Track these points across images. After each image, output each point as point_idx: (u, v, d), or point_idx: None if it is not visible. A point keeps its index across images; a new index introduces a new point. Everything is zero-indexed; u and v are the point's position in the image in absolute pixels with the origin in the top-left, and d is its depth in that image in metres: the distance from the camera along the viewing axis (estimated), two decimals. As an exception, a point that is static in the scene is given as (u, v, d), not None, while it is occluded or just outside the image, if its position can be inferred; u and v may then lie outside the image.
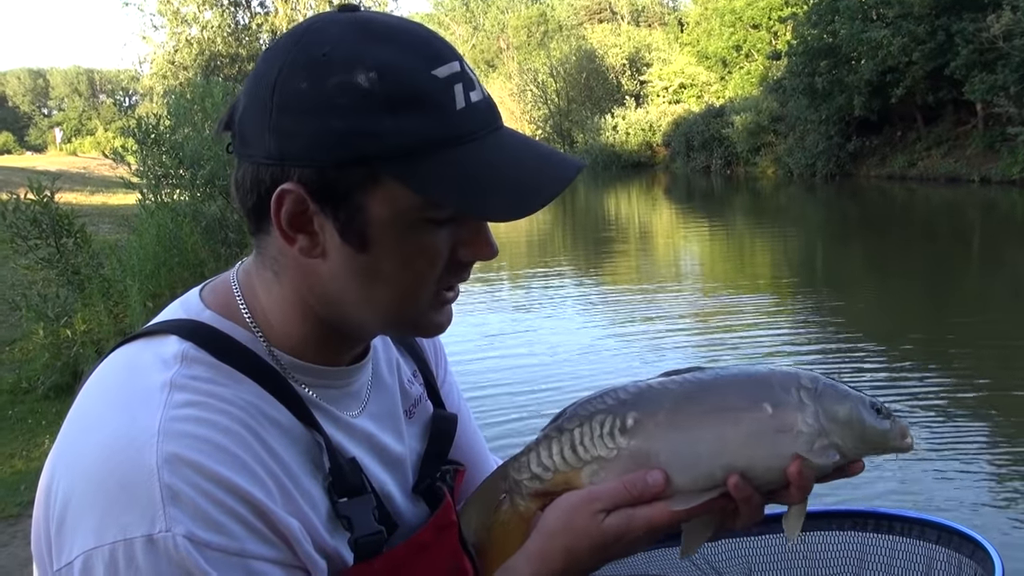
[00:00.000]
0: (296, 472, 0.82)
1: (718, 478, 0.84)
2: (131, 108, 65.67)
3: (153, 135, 8.17)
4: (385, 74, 0.76)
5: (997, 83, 21.84)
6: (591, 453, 0.88)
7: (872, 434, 0.86)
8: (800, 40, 29.28)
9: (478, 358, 7.33)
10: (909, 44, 24.57)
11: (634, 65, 48.94)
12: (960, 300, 9.70)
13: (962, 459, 4.60)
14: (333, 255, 0.81)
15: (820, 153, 28.89)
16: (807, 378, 0.87)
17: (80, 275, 6.87)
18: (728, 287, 10.90)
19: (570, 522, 0.86)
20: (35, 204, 6.80)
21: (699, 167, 36.48)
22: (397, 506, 0.94)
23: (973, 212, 19.42)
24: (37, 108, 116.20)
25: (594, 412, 0.89)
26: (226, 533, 0.73)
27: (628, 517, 0.85)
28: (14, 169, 23.74)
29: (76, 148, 64.49)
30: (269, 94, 0.78)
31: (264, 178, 0.79)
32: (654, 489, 0.85)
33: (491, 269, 13.45)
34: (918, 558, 1.32)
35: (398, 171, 0.76)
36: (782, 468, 0.84)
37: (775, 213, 22.41)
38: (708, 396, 0.87)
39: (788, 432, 0.85)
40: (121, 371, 0.82)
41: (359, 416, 0.93)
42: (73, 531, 0.72)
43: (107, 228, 12.42)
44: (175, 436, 0.74)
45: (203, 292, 0.90)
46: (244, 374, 0.82)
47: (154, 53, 35.07)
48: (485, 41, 72.87)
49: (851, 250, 14.94)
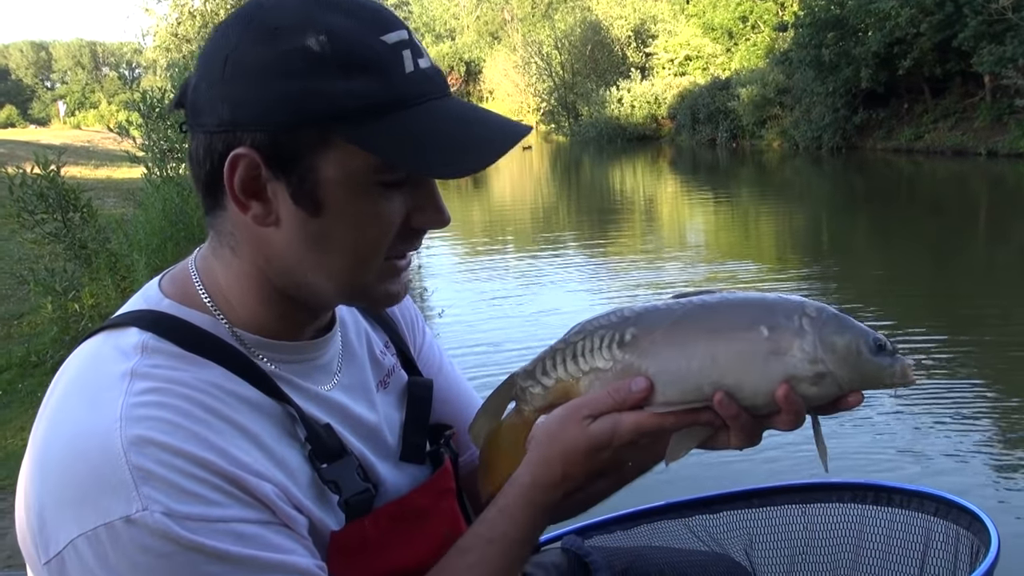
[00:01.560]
0: (268, 443, 0.83)
1: (706, 393, 0.85)
2: (135, 81, 65.37)
3: (158, 109, 8.13)
4: (335, 38, 0.77)
5: (1006, 55, 21.58)
6: (589, 364, 0.91)
7: (869, 367, 0.85)
8: (807, 11, 28.94)
9: (484, 322, 7.36)
10: (917, 15, 24.27)
11: (639, 37, 48.44)
12: (965, 272, 9.67)
13: (963, 431, 4.62)
14: (286, 222, 0.81)
15: (826, 126, 28.65)
16: (812, 307, 0.87)
17: (87, 249, 6.87)
18: (732, 257, 10.87)
19: (562, 429, 0.89)
20: (42, 179, 6.79)
21: (704, 140, 36.21)
22: (377, 474, 0.95)
23: (980, 185, 19.28)
24: (40, 81, 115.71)
25: (598, 327, 0.92)
26: (204, 503, 0.74)
27: (614, 421, 0.86)
28: (18, 143, 23.71)
29: (80, 121, 64.27)
30: (221, 64, 0.79)
31: (217, 146, 0.80)
32: (637, 395, 0.86)
33: (498, 240, 13.44)
34: (916, 529, 1.34)
35: (348, 132, 0.78)
36: (771, 391, 0.84)
37: (780, 186, 22.27)
38: (708, 316, 0.88)
39: (781, 356, 0.84)
40: (83, 365, 0.83)
41: (332, 389, 0.94)
42: (56, 525, 0.73)
43: (112, 202, 12.42)
44: (137, 420, 0.75)
45: (162, 282, 0.91)
46: (206, 358, 0.83)
47: (157, 25, 34.82)
48: (489, 12, 72.16)
49: (856, 222, 14.86)
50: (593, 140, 44.24)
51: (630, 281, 9.56)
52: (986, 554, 1.17)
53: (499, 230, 15.05)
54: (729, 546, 1.46)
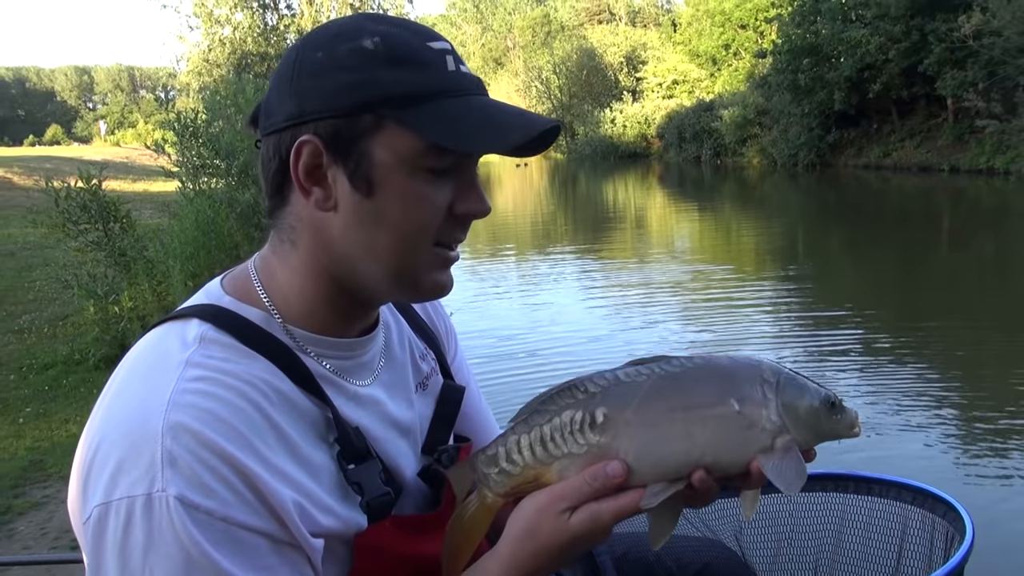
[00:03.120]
0: (301, 444, 0.82)
1: (684, 473, 0.80)
2: (169, 103, 65.48)
3: (191, 128, 8.14)
4: (387, 39, 0.82)
5: (967, 79, 21.61)
6: (561, 449, 0.82)
7: (826, 426, 0.83)
8: (785, 39, 28.98)
9: (485, 329, 7.34)
10: (886, 43, 24.32)
11: (631, 63, 48.53)
12: (930, 278, 9.65)
13: (934, 427, 4.59)
14: (343, 206, 0.83)
15: (802, 144, 28.67)
16: (769, 371, 0.83)
17: (126, 257, 6.87)
18: (715, 264, 10.85)
19: (538, 525, 0.81)
20: (85, 192, 6.80)
21: (690, 157, 36.26)
22: (406, 470, 0.94)
23: (943, 199, 19.27)
24: (83, 102, 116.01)
25: (563, 407, 0.83)
26: (215, 498, 0.73)
27: (594, 512, 0.80)
28: (63, 159, 23.76)
29: (119, 139, 64.39)
30: (291, 69, 0.83)
31: (285, 140, 0.83)
32: (615, 481, 0.80)
33: (500, 250, 13.44)
34: (895, 518, 1.32)
35: (399, 116, 0.80)
36: (746, 463, 0.81)
37: (760, 199, 22.27)
38: (675, 392, 0.82)
39: (753, 429, 0.80)
40: (148, 350, 0.84)
41: (369, 385, 0.93)
42: (93, 488, 0.74)
43: (148, 213, 12.42)
44: (181, 407, 0.75)
45: (224, 280, 0.91)
46: (257, 352, 0.83)
47: (190, 52, 34.99)
48: (493, 40, 72.28)
49: (829, 232, 14.85)
50: (588, 157, 44.28)
51: (622, 284, 9.55)
52: (961, 542, 1.15)
53: (501, 239, 15.04)
54: (720, 532, 1.44)
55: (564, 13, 65.91)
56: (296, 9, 35.37)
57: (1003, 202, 17.82)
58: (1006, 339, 6.51)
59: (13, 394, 5.77)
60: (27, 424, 5.04)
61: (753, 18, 38.77)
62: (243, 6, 34.14)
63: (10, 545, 3.44)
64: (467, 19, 75.52)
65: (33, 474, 4.22)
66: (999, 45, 20.23)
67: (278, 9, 35.53)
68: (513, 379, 5.57)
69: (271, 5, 35.40)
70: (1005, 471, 4.04)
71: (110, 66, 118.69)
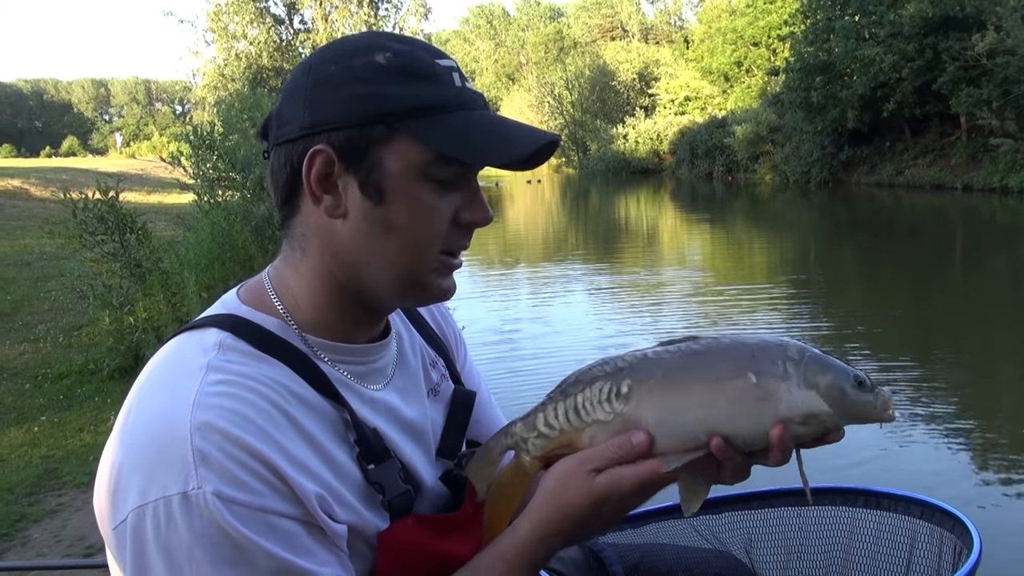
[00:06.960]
0: (322, 442, 0.84)
1: (702, 441, 0.83)
2: (185, 116, 66.00)
3: (207, 141, 8.21)
4: (399, 55, 0.86)
5: (981, 97, 21.56)
6: (591, 416, 0.88)
7: (852, 406, 0.83)
8: (797, 57, 29.00)
9: (499, 338, 7.36)
10: (899, 61, 24.31)
11: (643, 79, 48.68)
12: (943, 295, 9.60)
13: (945, 440, 4.58)
14: (353, 213, 0.86)
15: (814, 162, 28.64)
16: (794, 349, 0.84)
17: (141, 268, 6.91)
18: (728, 280, 10.83)
19: (567, 483, 0.86)
20: (101, 203, 6.87)
21: (702, 173, 36.26)
22: (420, 473, 0.96)
23: (956, 217, 19.18)
24: (99, 115, 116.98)
25: (594, 378, 0.89)
26: (249, 491, 0.76)
27: (618, 475, 0.84)
28: (80, 170, 23.93)
29: (134, 151, 64.74)
30: (304, 81, 0.87)
31: (297, 149, 0.86)
32: (638, 449, 0.84)
33: (512, 263, 13.46)
34: (904, 532, 1.33)
35: (409, 128, 0.84)
36: (764, 433, 0.82)
37: (772, 216, 22.23)
38: (697, 365, 0.86)
39: (770, 400, 0.82)
40: (169, 358, 0.86)
41: (383, 390, 0.95)
42: (125, 492, 0.76)
43: (163, 225, 12.50)
44: (207, 408, 0.77)
45: (240, 291, 0.94)
46: (274, 357, 0.86)
47: (205, 66, 35.20)
48: (506, 56, 72.62)
49: (842, 249, 14.80)
50: (600, 173, 44.32)
51: (632, 296, 9.55)
52: (968, 555, 1.16)
53: (514, 252, 15.07)
54: (731, 544, 1.45)
55: (577, 30, 66.24)
56: (310, 24, 35.67)
57: (1017, 220, 17.74)
58: (1016, 356, 6.48)
59: (28, 403, 5.82)
60: (42, 433, 5.08)
61: (765, 36, 38.85)
62: (258, 21, 34.42)
63: (24, 552, 3.47)
64: (480, 35, 75.94)
65: (48, 482, 4.25)
66: (1013, 64, 20.20)
67: (293, 25, 35.84)
68: (520, 386, 5.59)
69: (286, 21, 35.70)
70: (1013, 486, 4.03)
71: (127, 79, 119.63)
